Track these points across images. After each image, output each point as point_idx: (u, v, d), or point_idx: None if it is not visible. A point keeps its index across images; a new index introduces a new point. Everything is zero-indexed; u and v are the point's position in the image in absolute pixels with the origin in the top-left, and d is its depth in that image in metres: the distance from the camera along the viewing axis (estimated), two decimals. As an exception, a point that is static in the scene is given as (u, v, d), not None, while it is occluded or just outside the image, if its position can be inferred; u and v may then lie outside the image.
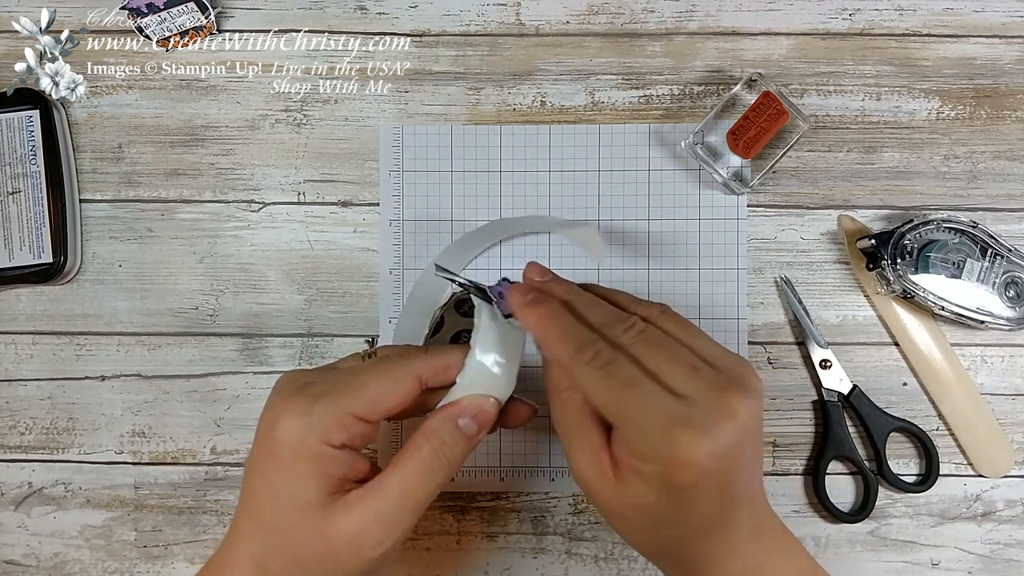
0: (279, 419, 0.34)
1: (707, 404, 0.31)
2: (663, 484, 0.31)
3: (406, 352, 0.37)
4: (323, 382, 0.35)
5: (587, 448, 0.33)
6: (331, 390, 0.34)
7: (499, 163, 0.53)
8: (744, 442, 0.31)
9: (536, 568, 0.51)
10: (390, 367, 0.36)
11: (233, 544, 0.36)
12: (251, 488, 0.35)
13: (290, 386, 0.35)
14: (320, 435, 0.33)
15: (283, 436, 0.34)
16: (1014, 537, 0.51)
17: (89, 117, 0.54)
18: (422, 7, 0.54)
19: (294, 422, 0.33)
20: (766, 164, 0.50)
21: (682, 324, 0.35)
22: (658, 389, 0.31)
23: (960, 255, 0.49)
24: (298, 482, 0.34)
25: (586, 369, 0.32)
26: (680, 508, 0.32)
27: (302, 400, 0.34)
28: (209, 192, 0.53)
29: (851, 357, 0.52)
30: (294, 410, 0.34)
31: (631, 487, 0.32)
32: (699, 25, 0.53)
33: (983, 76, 0.53)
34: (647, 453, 0.31)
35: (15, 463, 0.53)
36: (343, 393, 0.34)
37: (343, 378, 0.35)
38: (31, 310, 0.53)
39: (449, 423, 0.36)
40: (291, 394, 0.34)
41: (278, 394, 0.35)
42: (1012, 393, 0.52)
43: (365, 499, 0.34)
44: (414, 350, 0.37)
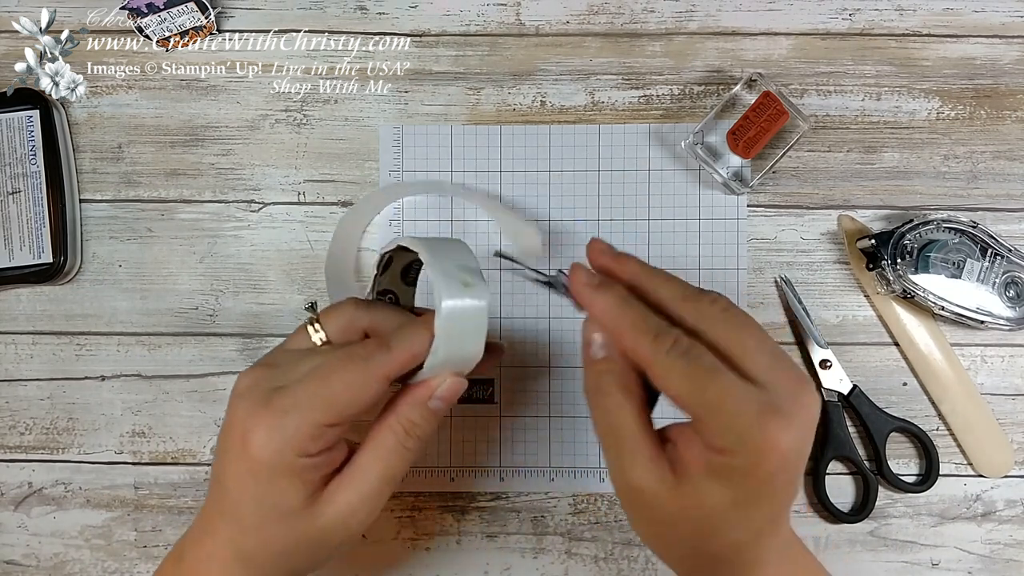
0: (251, 434, 0.33)
1: (786, 392, 0.30)
2: (744, 476, 0.30)
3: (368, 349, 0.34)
4: (288, 389, 0.33)
5: (644, 455, 0.32)
6: (299, 401, 0.33)
7: (499, 163, 0.53)
8: (811, 436, 0.31)
9: (536, 568, 0.51)
10: (357, 370, 0.34)
11: (210, 541, 0.35)
12: (224, 490, 0.35)
13: (253, 394, 0.34)
14: (296, 449, 0.33)
15: (258, 453, 0.33)
16: (1014, 537, 0.51)
17: (89, 117, 0.54)
18: (422, 7, 0.54)
19: (267, 438, 0.33)
20: (766, 164, 0.50)
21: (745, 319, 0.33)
22: (739, 377, 0.30)
23: (960, 255, 0.49)
24: (279, 493, 0.34)
25: (666, 358, 0.30)
26: (752, 504, 0.31)
27: (271, 415, 0.33)
28: (209, 192, 0.53)
29: (851, 357, 0.52)
30: (264, 424, 0.33)
31: (701, 489, 0.31)
32: (699, 25, 0.53)
33: (983, 76, 0.53)
34: (732, 444, 0.29)
35: (15, 463, 0.53)
36: (313, 405, 0.33)
37: (309, 385, 0.33)
38: (31, 310, 0.53)
39: (420, 405, 0.36)
40: (257, 405, 0.33)
41: (242, 404, 0.34)
42: (1012, 393, 0.52)
43: (347, 486, 0.35)
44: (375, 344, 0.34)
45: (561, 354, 0.52)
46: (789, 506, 0.33)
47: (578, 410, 0.52)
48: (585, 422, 0.51)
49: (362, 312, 0.37)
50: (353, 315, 0.37)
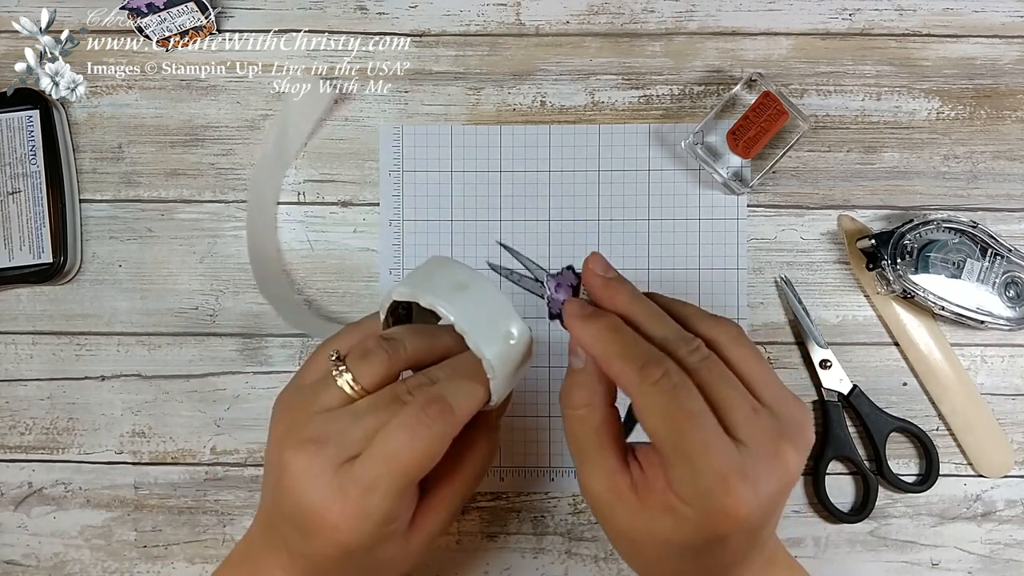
0: (339, 526, 0.31)
1: (762, 453, 0.30)
2: (696, 529, 0.30)
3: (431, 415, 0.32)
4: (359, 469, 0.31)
5: (602, 469, 0.32)
6: (376, 480, 0.31)
7: (499, 163, 0.53)
8: (786, 494, 0.31)
9: (536, 568, 0.51)
10: (427, 439, 0.32)
11: None
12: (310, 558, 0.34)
13: (320, 478, 0.31)
14: (388, 523, 0.32)
15: (352, 539, 0.32)
16: (1014, 537, 0.51)
17: (89, 117, 0.54)
18: (422, 7, 0.54)
19: (359, 527, 0.32)
20: (766, 164, 0.50)
21: (751, 353, 0.33)
22: (720, 431, 0.30)
23: (960, 255, 0.49)
24: (378, 554, 0.33)
25: (651, 390, 0.30)
26: (703, 552, 0.31)
27: (352, 503, 0.31)
28: (209, 192, 0.53)
29: (851, 357, 0.52)
30: (354, 515, 0.31)
31: (656, 520, 0.31)
32: (699, 25, 0.53)
33: (983, 76, 0.53)
34: (691, 497, 0.29)
35: (15, 463, 0.53)
36: (393, 484, 0.32)
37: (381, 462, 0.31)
38: (31, 310, 0.53)
39: (493, 432, 0.37)
40: (334, 488, 0.31)
41: (314, 484, 0.31)
42: (1012, 393, 0.52)
43: (436, 518, 0.35)
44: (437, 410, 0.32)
45: (561, 354, 0.52)
46: (757, 548, 0.33)
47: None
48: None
49: (395, 356, 0.34)
50: (388, 363, 0.34)
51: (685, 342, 0.32)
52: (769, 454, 0.30)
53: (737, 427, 0.30)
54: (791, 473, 0.30)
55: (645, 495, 0.31)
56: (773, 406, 0.32)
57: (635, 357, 0.31)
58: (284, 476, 0.32)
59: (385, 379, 0.34)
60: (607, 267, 0.35)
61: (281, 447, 0.33)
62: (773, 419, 0.31)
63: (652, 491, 0.31)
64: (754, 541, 0.32)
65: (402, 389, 0.33)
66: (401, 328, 0.36)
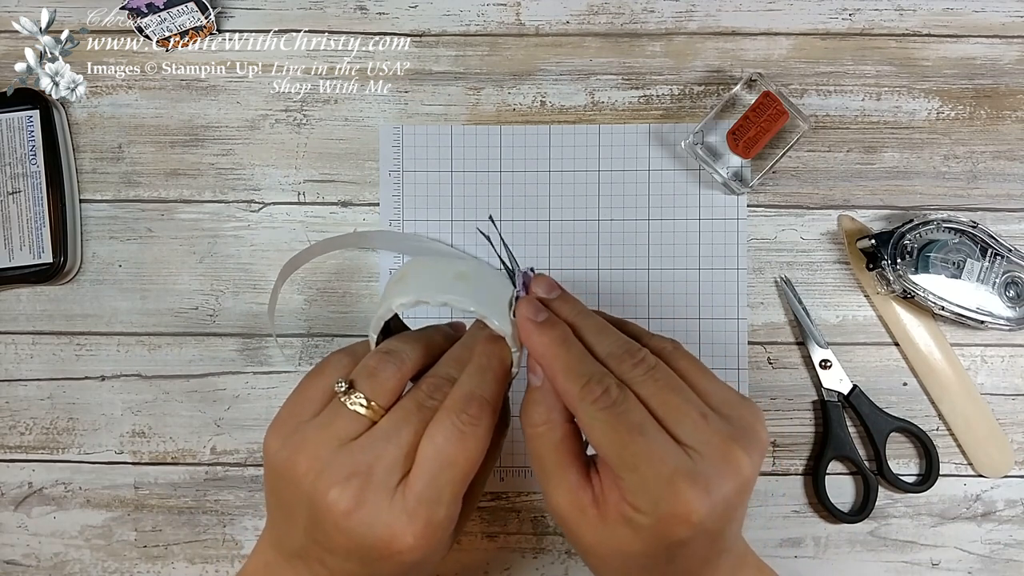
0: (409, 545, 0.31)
1: (713, 457, 0.30)
2: (653, 536, 0.30)
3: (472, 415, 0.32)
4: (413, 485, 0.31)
5: (564, 486, 0.32)
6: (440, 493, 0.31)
7: (499, 163, 0.53)
8: (743, 496, 0.31)
9: (536, 568, 0.51)
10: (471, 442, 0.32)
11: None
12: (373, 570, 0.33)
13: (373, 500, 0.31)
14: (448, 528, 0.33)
15: (423, 553, 0.32)
16: (1014, 537, 0.51)
17: (89, 117, 0.54)
18: (422, 7, 0.54)
19: (429, 539, 0.31)
20: (766, 164, 0.50)
21: (693, 363, 0.34)
22: (665, 438, 0.30)
23: (960, 255, 0.49)
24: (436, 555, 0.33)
25: (591, 408, 0.31)
26: (665, 559, 0.31)
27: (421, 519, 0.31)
28: (209, 192, 0.53)
29: (851, 357, 0.52)
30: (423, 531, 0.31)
31: (617, 532, 0.31)
32: (699, 25, 0.53)
33: (983, 76, 0.53)
34: (643, 505, 0.30)
35: (15, 463, 0.53)
36: (454, 490, 0.32)
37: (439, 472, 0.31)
38: (31, 310, 0.53)
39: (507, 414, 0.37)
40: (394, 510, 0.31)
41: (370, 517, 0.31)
42: (1012, 393, 0.52)
43: (469, 505, 0.35)
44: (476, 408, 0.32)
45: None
46: (721, 554, 0.33)
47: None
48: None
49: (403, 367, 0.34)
50: (399, 376, 0.34)
51: (630, 355, 0.33)
52: (720, 457, 0.30)
53: (686, 434, 0.30)
54: (744, 475, 0.30)
55: (604, 508, 0.31)
56: (722, 410, 0.32)
57: (578, 375, 0.32)
58: (336, 517, 0.31)
59: (398, 392, 0.34)
60: (552, 287, 0.36)
61: (317, 488, 0.31)
62: (723, 423, 0.31)
63: (609, 503, 0.31)
64: (716, 545, 0.32)
65: (422, 396, 0.33)
66: (393, 340, 0.36)
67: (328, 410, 0.33)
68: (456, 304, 0.34)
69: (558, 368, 0.32)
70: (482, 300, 0.34)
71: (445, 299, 0.34)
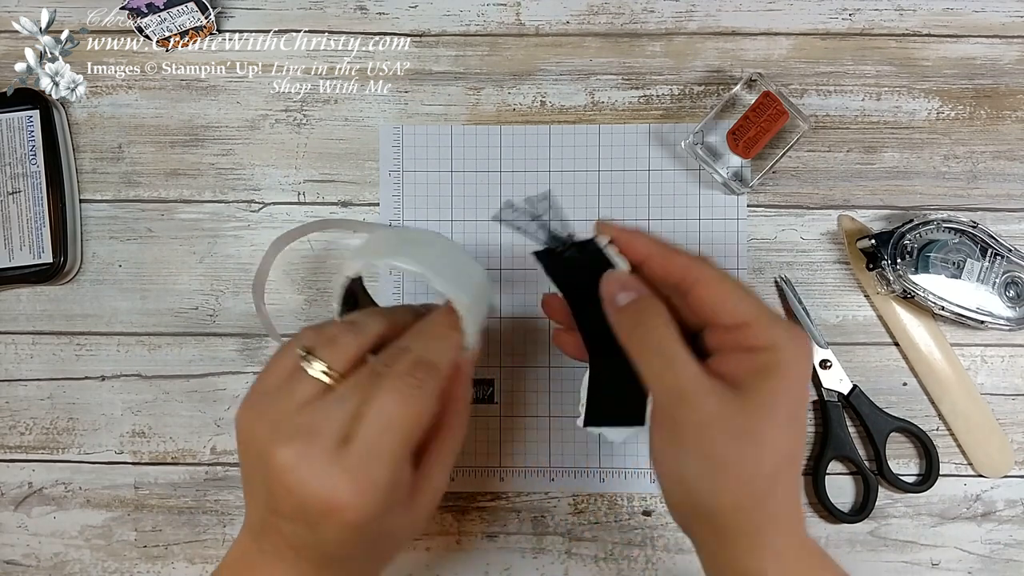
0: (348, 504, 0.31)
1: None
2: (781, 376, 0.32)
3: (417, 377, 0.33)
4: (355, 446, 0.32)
5: (693, 364, 0.33)
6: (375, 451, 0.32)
7: (499, 163, 0.53)
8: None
9: (536, 568, 0.51)
10: (417, 400, 0.33)
11: None
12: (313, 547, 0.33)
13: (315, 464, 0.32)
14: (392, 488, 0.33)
15: (361, 514, 0.32)
16: (1014, 537, 0.51)
17: (89, 117, 0.54)
18: (422, 7, 0.54)
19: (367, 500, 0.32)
20: (766, 164, 0.50)
21: None
22: None
23: (960, 255, 0.49)
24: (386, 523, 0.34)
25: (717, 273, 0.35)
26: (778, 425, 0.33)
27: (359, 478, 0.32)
28: (209, 192, 0.53)
29: (851, 357, 0.52)
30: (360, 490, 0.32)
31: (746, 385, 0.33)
32: (699, 25, 0.53)
33: (983, 76, 0.53)
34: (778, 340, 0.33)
35: (15, 463, 0.53)
36: (394, 451, 0.32)
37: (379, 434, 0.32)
38: (31, 310, 0.53)
39: (467, 383, 0.38)
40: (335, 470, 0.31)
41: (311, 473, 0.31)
42: (1012, 393, 0.52)
43: (435, 477, 0.36)
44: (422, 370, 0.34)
45: (561, 354, 0.52)
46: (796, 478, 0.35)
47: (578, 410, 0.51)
48: (585, 422, 0.51)
49: (361, 336, 0.35)
50: (356, 344, 0.35)
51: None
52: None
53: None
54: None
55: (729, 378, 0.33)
56: None
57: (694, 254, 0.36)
58: (280, 475, 0.32)
59: (356, 360, 0.35)
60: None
61: (268, 449, 0.32)
62: None
63: (734, 368, 0.33)
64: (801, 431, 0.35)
65: (378, 364, 0.34)
66: (358, 313, 0.37)
67: (289, 377, 0.34)
68: (403, 267, 0.35)
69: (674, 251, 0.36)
70: (434, 265, 0.35)
71: (392, 262, 0.35)
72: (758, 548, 0.33)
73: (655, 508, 0.51)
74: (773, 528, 0.33)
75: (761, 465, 0.32)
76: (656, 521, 0.51)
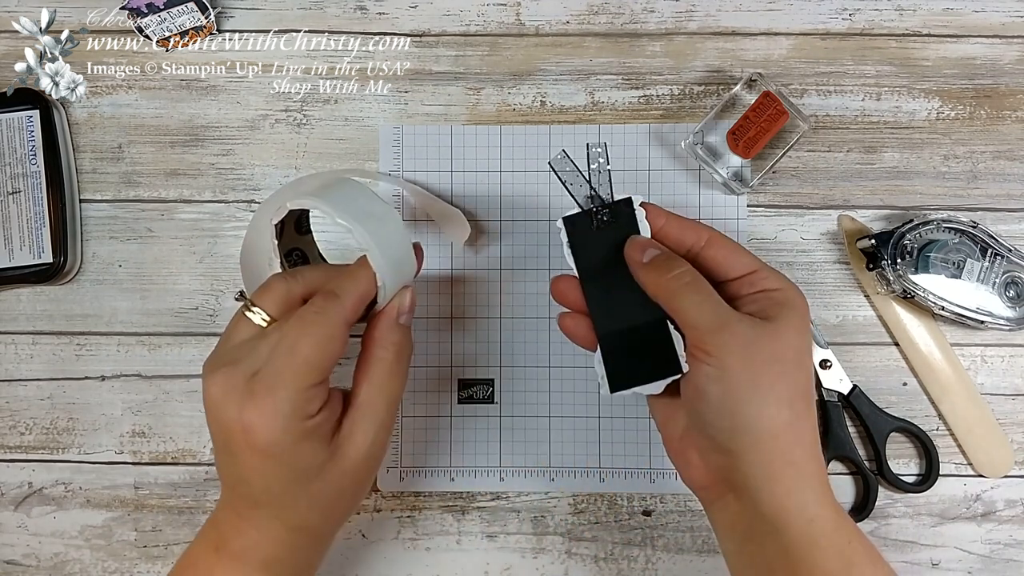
0: (252, 427, 0.34)
1: None
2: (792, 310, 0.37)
3: (319, 305, 0.36)
4: (265, 372, 0.35)
5: (714, 299, 0.37)
6: (281, 377, 0.34)
7: (499, 163, 0.53)
8: None
9: (536, 568, 0.51)
10: (319, 328, 0.35)
11: (251, 527, 0.37)
12: (245, 483, 0.36)
13: (233, 393, 0.35)
14: (300, 416, 0.35)
15: (267, 438, 0.34)
16: (1014, 537, 0.51)
17: (89, 117, 0.54)
18: (422, 7, 0.54)
19: (270, 422, 0.34)
20: (766, 164, 0.50)
21: None
22: None
23: (960, 255, 0.49)
24: (304, 458, 0.35)
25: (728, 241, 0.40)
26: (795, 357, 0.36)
27: (262, 401, 0.34)
28: (209, 192, 0.53)
29: (851, 357, 0.52)
30: (259, 412, 0.34)
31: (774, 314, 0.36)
32: (699, 25, 0.53)
33: (983, 76, 0.53)
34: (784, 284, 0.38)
35: (15, 463, 0.53)
36: (296, 374, 0.35)
37: (282, 359, 0.35)
38: (31, 310, 0.53)
39: (395, 326, 0.39)
40: (244, 400, 0.34)
41: (227, 405, 0.35)
42: (1012, 393, 0.52)
43: (360, 421, 0.37)
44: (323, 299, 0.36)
45: (561, 354, 0.52)
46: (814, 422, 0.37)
47: (578, 410, 0.52)
48: (585, 422, 0.51)
49: (292, 282, 0.38)
50: (286, 287, 0.38)
51: None
52: None
53: None
54: None
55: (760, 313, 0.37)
56: None
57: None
58: (208, 406, 0.35)
59: (285, 303, 0.37)
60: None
61: (203, 385, 0.36)
62: None
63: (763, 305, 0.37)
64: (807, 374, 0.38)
65: (303, 307, 0.37)
66: (299, 267, 0.41)
67: (236, 323, 0.38)
68: (308, 206, 0.38)
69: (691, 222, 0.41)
70: (346, 208, 0.37)
71: (301, 203, 0.38)
72: (799, 483, 0.36)
73: (655, 508, 0.51)
74: (810, 463, 0.36)
75: (793, 387, 0.36)
76: (656, 521, 0.51)
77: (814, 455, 0.37)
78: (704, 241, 0.39)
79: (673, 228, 0.40)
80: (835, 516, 0.36)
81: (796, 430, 0.36)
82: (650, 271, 0.38)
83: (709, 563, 0.51)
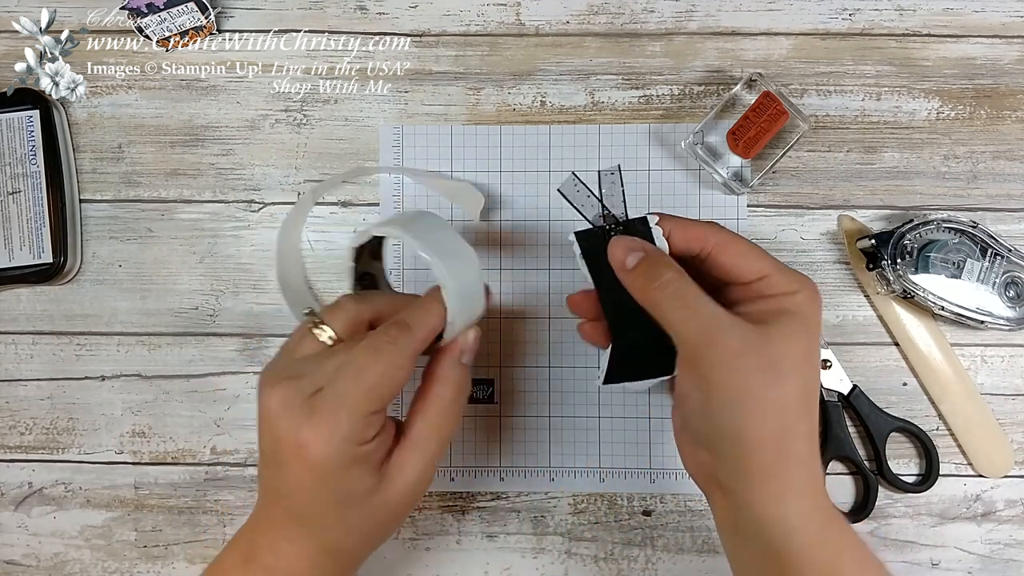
0: (308, 444, 0.34)
1: None
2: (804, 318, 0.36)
3: (392, 334, 0.36)
4: (328, 392, 0.34)
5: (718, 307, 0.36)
6: (344, 399, 0.34)
7: (499, 163, 0.53)
8: None
9: (536, 568, 0.51)
10: (388, 357, 0.35)
11: (288, 543, 0.37)
12: (289, 497, 0.36)
13: (292, 407, 0.34)
14: (356, 441, 0.35)
15: (321, 458, 0.34)
16: (1014, 537, 0.51)
17: (89, 117, 0.54)
18: (422, 7, 0.54)
19: (327, 442, 0.34)
20: (766, 164, 0.50)
21: None
22: None
23: (960, 255, 0.49)
24: (352, 483, 0.35)
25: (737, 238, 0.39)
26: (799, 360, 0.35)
27: (322, 420, 0.34)
28: (209, 192, 0.53)
29: (851, 357, 0.52)
30: (318, 431, 0.34)
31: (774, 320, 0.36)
32: (699, 25, 0.53)
33: (983, 76, 0.53)
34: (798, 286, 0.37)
35: (15, 463, 0.53)
36: (358, 398, 0.34)
37: (348, 382, 0.35)
38: (31, 310, 0.53)
39: (457, 364, 0.39)
40: (302, 416, 0.34)
41: (285, 419, 0.34)
42: (1012, 393, 0.52)
43: (412, 453, 0.37)
44: (396, 329, 0.36)
45: (561, 354, 0.52)
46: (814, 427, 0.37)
47: (578, 410, 0.52)
48: (585, 422, 0.51)
49: (363, 305, 0.38)
50: (356, 309, 0.38)
51: None
52: None
53: None
54: None
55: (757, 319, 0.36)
56: None
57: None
58: (262, 415, 0.35)
59: (353, 326, 0.37)
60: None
61: (260, 393, 0.36)
62: None
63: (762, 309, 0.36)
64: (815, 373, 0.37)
65: (374, 333, 0.37)
66: (369, 291, 0.42)
67: (300, 339, 0.38)
68: (401, 236, 0.38)
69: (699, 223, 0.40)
70: (434, 246, 0.37)
71: (387, 231, 0.39)
72: (781, 493, 0.35)
73: (655, 508, 0.51)
74: (795, 472, 0.35)
75: (784, 396, 0.35)
76: (656, 521, 0.51)
77: (805, 465, 0.36)
78: (712, 246, 0.38)
79: (679, 234, 0.39)
80: (820, 529, 0.35)
81: (785, 440, 0.35)
82: (636, 277, 0.38)
83: (709, 563, 0.51)
